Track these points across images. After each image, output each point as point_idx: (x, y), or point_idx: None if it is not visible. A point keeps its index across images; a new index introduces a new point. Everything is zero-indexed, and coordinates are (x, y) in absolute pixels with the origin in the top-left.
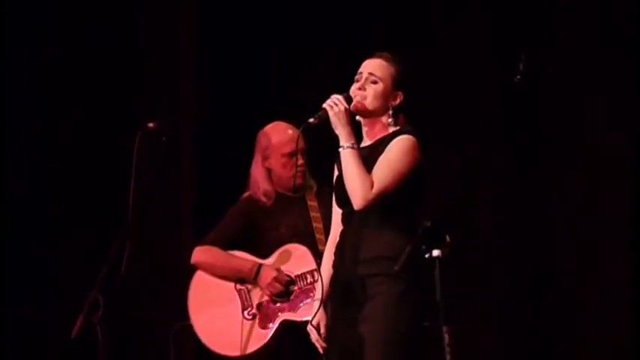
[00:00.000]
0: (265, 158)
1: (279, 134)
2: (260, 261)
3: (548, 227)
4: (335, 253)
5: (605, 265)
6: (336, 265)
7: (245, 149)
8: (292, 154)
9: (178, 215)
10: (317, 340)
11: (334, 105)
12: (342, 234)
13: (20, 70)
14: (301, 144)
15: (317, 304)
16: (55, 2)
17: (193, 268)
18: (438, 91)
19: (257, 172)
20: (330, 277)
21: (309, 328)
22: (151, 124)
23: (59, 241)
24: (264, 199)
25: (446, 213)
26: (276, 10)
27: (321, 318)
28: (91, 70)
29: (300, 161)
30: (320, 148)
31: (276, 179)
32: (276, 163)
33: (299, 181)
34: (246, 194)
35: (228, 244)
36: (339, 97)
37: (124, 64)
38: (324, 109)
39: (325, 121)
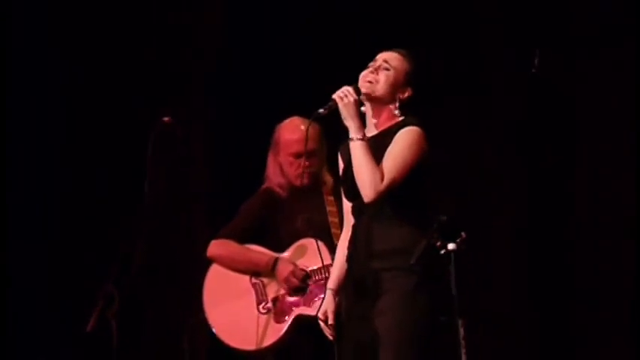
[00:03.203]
0: (276, 154)
1: (289, 132)
2: (276, 255)
3: (563, 223)
4: (348, 247)
5: (618, 264)
6: (349, 259)
7: (256, 144)
8: (298, 155)
9: (191, 209)
10: (324, 329)
11: (344, 96)
12: (354, 227)
13: (30, 74)
14: (312, 145)
15: (327, 293)
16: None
17: (208, 262)
18: (451, 93)
19: (271, 165)
20: (343, 270)
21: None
22: (166, 119)
23: (71, 236)
24: (279, 190)
25: (459, 209)
26: (288, 7)
27: (328, 305)
28: (102, 70)
29: (306, 163)
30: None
31: (286, 176)
32: (284, 160)
33: (305, 181)
34: (263, 187)
35: (244, 237)
36: (349, 88)
37: (134, 64)
38: (334, 100)
39: (334, 112)
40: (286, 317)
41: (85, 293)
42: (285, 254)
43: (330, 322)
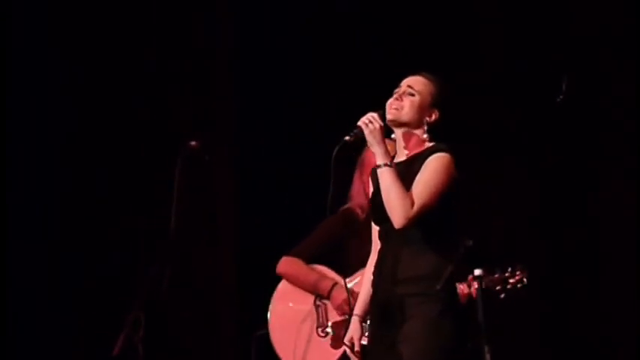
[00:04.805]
0: (361, 173)
1: None
2: (336, 279)
3: (562, 223)
4: (373, 272)
5: (618, 264)
6: (375, 284)
7: (282, 168)
8: None
9: (217, 234)
10: (350, 355)
11: (369, 123)
12: (381, 252)
13: (30, 74)
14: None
15: (353, 319)
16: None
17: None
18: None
19: (355, 185)
20: (370, 295)
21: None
22: (193, 143)
23: (71, 236)
24: (359, 211)
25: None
26: (288, 8)
27: (354, 332)
28: (102, 70)
29: None
30: None
31: (367, 196)
32: (366, 180)
33: None
34: (344, 207)
35: (315, 256)
36: (374, 114)
37: (134, 64)
38: (359, 127)
39: (361, 139)
40: (342, 344)
41: (84, 293)
42: (350, 279)
43: (357, 348)
